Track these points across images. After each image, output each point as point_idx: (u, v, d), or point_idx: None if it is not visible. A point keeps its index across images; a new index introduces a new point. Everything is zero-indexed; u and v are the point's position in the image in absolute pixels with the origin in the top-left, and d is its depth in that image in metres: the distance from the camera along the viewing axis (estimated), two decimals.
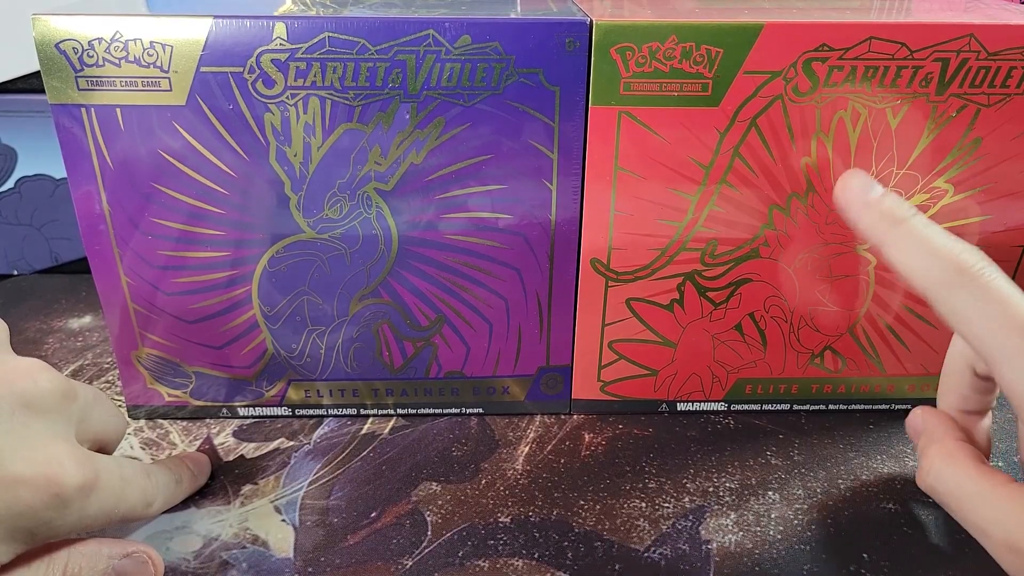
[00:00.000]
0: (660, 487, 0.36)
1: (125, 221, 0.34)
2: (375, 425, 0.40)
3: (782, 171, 0.34)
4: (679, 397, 0.40)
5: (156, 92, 0.32)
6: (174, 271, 0.35)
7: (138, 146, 0.33)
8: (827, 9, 0.34)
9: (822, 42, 0.32)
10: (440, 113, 0.33)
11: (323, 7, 0.34)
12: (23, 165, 0.51)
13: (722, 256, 0.36)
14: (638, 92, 0.32)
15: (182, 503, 0.34)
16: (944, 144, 0.34)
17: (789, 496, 0.35)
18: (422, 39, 0.32)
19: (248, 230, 0.35)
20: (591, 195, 0.35)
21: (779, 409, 0.41)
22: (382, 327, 0.38)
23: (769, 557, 0.32)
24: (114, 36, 0.31)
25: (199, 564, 0.32)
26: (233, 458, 0.37)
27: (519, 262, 0.36)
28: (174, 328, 0.37)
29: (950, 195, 0.35)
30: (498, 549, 0.32)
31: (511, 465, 0.37)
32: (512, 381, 0.40)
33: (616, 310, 0.37)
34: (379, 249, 0.36)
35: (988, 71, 0.33)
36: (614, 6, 0.35)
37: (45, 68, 0.31)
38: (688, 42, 0.31)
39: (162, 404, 0.39)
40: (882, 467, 0.37)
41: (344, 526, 0.34)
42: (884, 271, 0.37)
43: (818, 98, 0.33)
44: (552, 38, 0.32)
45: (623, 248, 0.36)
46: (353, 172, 0.34)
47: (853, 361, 0.39)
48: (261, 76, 0.32)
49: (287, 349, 0.38)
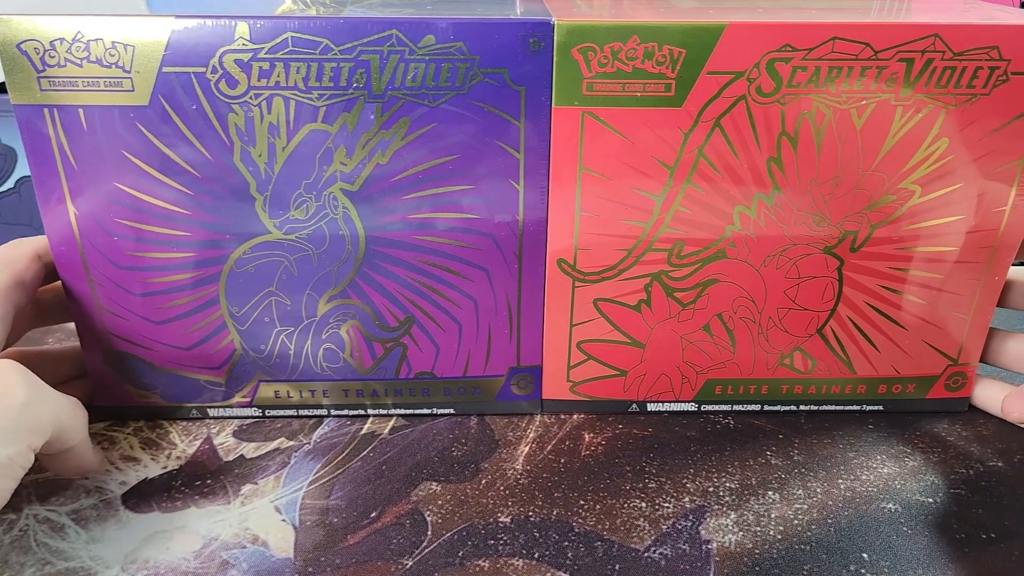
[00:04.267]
0: (660, 487, 0.36)
1: (90, 222, 0.34)
2: (375, 425, 0.40)
3: (747, 172, 0.34)
4: (649, 397, 0.40)
5: (118, 92, 0.32)
6: (140, 271, 0.35)
7: (101, 146, 0.33)
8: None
9: (785, 42, 0.32)
10: (405, 113, 0.33)
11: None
12: (23, 165, 0.51)
13: (689, 257, 0.36)
14: (601, 92, 0.32)
15: (182, 503, 0.34)
16: (910, 145, 0.34)
17: (789, 496, 0.35)
18: (386, 39, 0.32)
19: (214, 231, 0.35)
20: (556, 195, 0.34)
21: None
22: (351, 328, 0.38)
23: (769, 557, 0.32)
24: (76, 36, 0.31)
25: (199, 564, 0.32)
26: (233, 458, 0.37)
27: (488, 262, 0.36)
28: (142, 329, 0.37)
29: (917, 196, 0.35)
30: (498, 549, 0.32)
31: (511, 465, 0.37)
32: (483, 381, 0.39)
33: (584, 310, 0.37)
34: (346, 250, 0.36)
35: (954, 71, 0.33)
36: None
37: (7, 69, 0.31)
38: (650, 42, 0.31)
39: (131, 404, 0.39)
40: (882, 467, 0.37)
41: (344, 526, 0.34)
42: (852, 272, 0.37)
43: (782, 98, 0.33)
44: (516, 38, 0.32)
45: (589, 248, 0.36)
46: (319, 172, 0.34)
47: (823, 362, 0.39)
48: (224, 76, 0.32)
49: (256, 350, 0.38)
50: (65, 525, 0.33)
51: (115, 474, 0.36)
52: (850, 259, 0.36)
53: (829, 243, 0.36)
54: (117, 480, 0.36)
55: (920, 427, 0.40)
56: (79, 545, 0.32)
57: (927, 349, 0.39)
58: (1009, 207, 0.35)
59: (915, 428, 0.40)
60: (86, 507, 0.34)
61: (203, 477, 0.36)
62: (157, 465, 0.37)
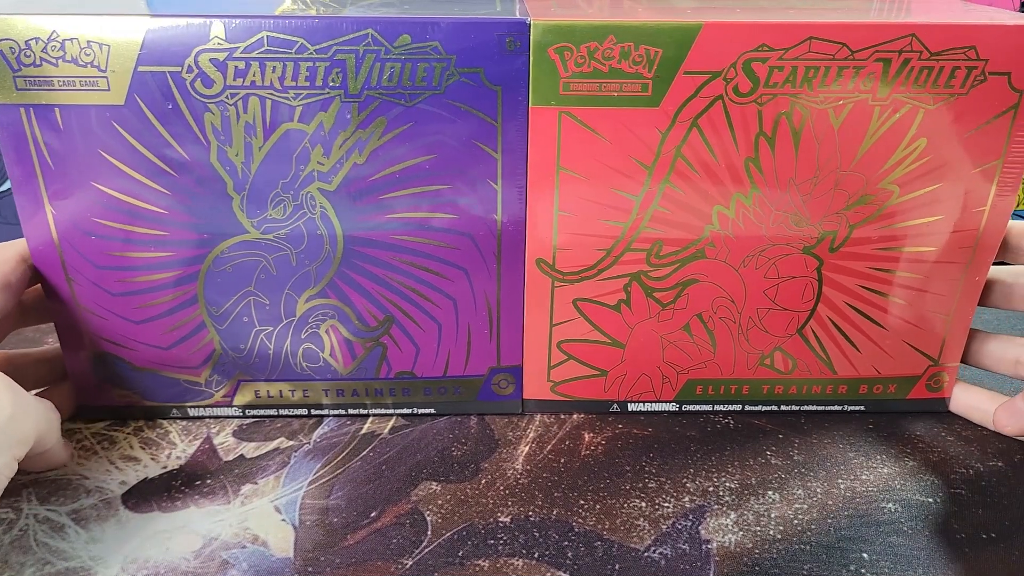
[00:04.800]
0: (660, 487, 0.36)
1: (67, 221, 0.34)
2: (375, 425, 0.40)
3: (725, 172, 0.34)
4: (630, 397, 0.40)
5: (94, 92, 0.32)
6: (119, 271, 0.35)
7: (78, 146, 0.33)
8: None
9: (761, 42, 0.32)
10: (382, 113, 0.33)
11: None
12: None
13: (668, 256, 0.36)
14: (578, 92, 0.32)
15: (182, 503, 0.34)
16: (888, 145, 0.34)
17: (789, 496, 0.35)
18: (361, 38, 0.31)
19: (191, 230, 0.35)
20: (534, 195, 0.34)
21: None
22: (331, 327, 0.37)
23: (769, 557, 0.32)
24: (51, 36, 0.31)
25: (199, 564, 0.32)
26: (233, 458, 0.37)
27: (467, 262, 0.36)
28: (121, 328, 0.37)
29: (896, 196, 0.35)
30: (498, 549, 0.32)
31: (511, 465, 0.37)
32: (464, 381, 0.39)
33: (563, 310, 0.37)
34: (324, 249, 0.35)
35: (931, 71, 0.32)
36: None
37: None
38: (626, 42, 0.31)
39: (112, 404, 0.39)
40: (882, 467, 0.37)
41: (344, 526, 0.34)
42: (831, 272, 0.36)
43: (759, 98, 0.33)
44: (492, 38, 0.32)
45: (568, 248, 0.36)
46: (296, 172, 0.34)
47: (803, 362, 0.39)
48: (200, 75, 0.32)
49: (235, 349, 0.38)
50: (65, 525, 0.33)
51: (115, 474, 0.36)
52: (829, 259, 0.36)
53: (808, 243, 0.36)
54: (117, 480, 0.36)
55: (920, 427, 0.40)
56: (79, 545, 0.32)
57: (908, 349, 0.39)
58: (988, 207, 0.35)
59: (915, 428, 0.40)
60: (86, 507, 0.34)
61: (203, 477, 0.36)
62: (157, 465, 0.37)
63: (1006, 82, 0.33)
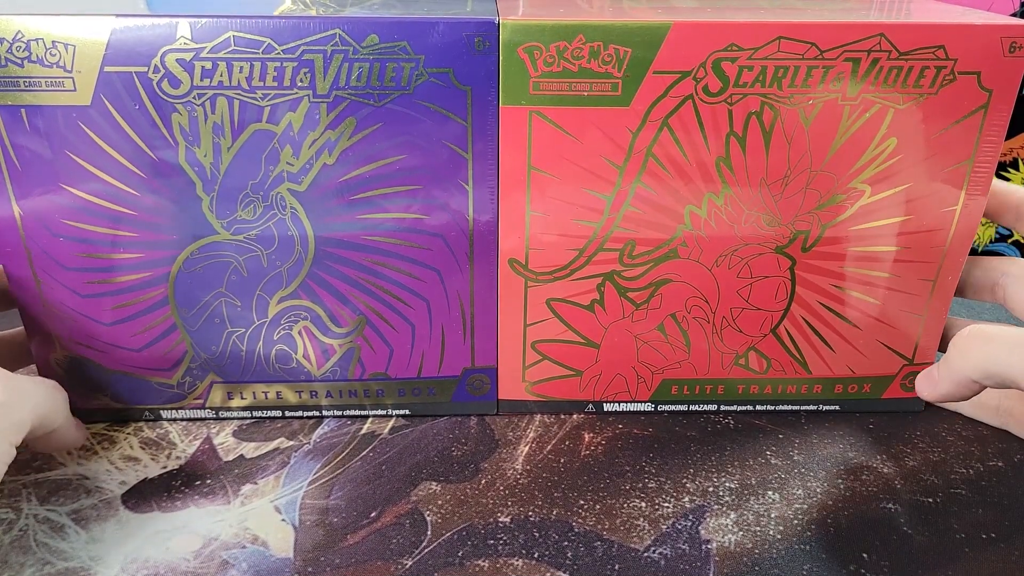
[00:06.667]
0: (660, 487, 0.36)
1: (35, 222, 0.34)
2: (375, 425, 0.40)
3: (696, 171, 0.34)
4: (605, 398, 0.40)
5: (60, 92, 0.31)
6: (88, 272, 0.35)
7: (44, 147, 0.32)
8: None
9: (731, 42, 0.31)
10: (351, 113, 0.33)
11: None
12: None
13: (641, 256, 0.36)
14: (547, 92, 0.32)
15: (182, 503, 0.34)
16: (859, 144, 0.34)
17: (789, 496, 0.35)
18: (329, 38, 0.31)
19: (161, 231, 0.34)
20: (506, 195, 0.34)
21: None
22: (303, 329, 0.37)
23: (769, 557, 0.32)
24: (16, 36, 0.31)
25: (199, 564, 0.31)
26: (233, 458, 0.37)
27: (439, 263, 0.36)
28: (92, 330, 0.37)
29: (867, 195, 0.35)
30: (498, 549, 0.32)
31: (511, 465, 0.37)
32: (438, 382, 0.39)
33: (537, 310, 0.37)
34: (295, 250, 0.35)
35: (900, 71, 0.32)
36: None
37: None
38: (596, 41, 0.31)
39: (84, 407, 0.39)
40: (882, 467, 0.37)
41: (344, 526, 0.33)
42: (804, 272, 0.36)
43: (729, 98, 0.32)
44: (460, 37, 0.32)
45: (541, 248, 0.35)
46: (265, 173, 0.34)
47: (778, 362, 0.39)
48: (166, 76, 0.31)
49: (207, 351, 0.38)
50: (65, 525, 0.33)
51: (115, 474, 0.36)
52: (802, 259, 0.36)
53: (780, 243, 0.36)
54: (117, 480, 0.36)
55: (920, 427, 0.40)
56: (79, 545, 0.32)
57: (882, 349, 0.39)
58: (959, 207, 0.35)
59: (915, 428, 0.40)
60: (86, 507, 0.34)
61: (203, 477, 0.36)
62: (157, 465, 0.37)
63: (975, 81, 0.33)
